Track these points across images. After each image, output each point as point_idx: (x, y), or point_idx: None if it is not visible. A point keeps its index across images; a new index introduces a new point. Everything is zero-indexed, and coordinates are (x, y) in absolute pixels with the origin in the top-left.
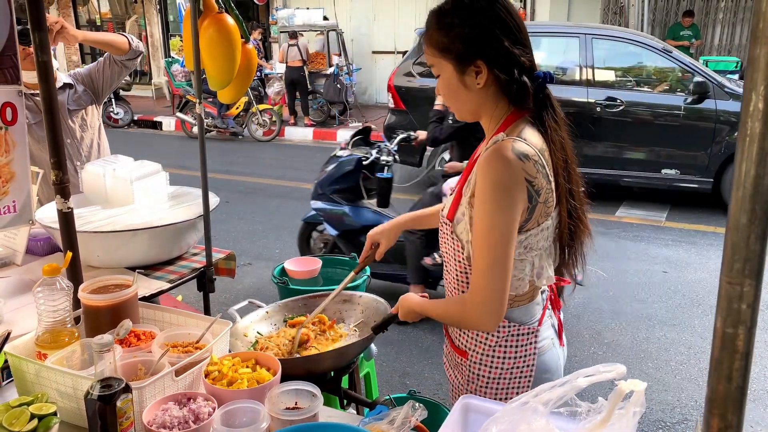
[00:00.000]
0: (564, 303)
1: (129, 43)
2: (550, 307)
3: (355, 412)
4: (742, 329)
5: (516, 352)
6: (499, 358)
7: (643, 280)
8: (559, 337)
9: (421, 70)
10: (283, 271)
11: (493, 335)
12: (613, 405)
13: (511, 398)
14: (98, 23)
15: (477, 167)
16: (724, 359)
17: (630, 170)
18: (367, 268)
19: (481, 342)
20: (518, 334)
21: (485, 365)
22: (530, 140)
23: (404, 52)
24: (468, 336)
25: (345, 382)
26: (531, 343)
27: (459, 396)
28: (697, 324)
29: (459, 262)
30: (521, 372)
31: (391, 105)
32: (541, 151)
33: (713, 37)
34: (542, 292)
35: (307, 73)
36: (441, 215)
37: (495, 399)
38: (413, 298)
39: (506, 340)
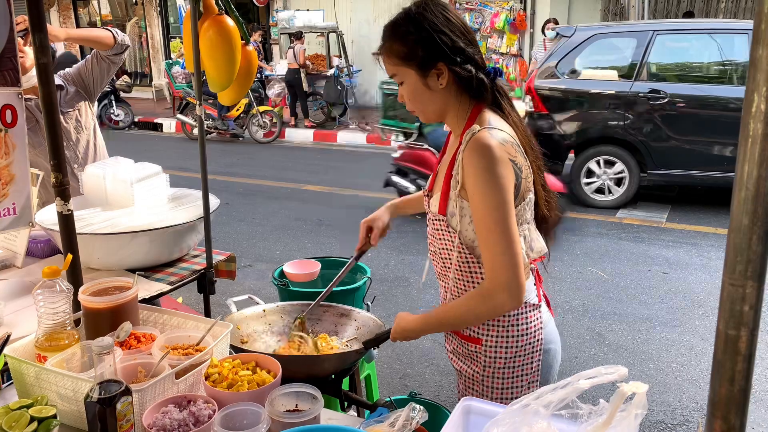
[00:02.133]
0: (545, 274)
1: (114, 37)
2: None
3: (355, 414)
4: (744, 331)
5: (527, 329)
6: (513, 337)
7: (644, 281)
8: (549, 308)
9: (566, 71)
10: (283, 274)
11: (505, 316)
12: (614, 407)
13: (525, 374)
14: (99, 25)
15: (462, 160)
16: (727, 361)
17: None
18: (368, 269)
19: (494, 325)
20: (526, 311)
21: (501, 347)
22: (500, 126)
23: None
24: None
25: (346, 384)
26: (537, 318)
27: (472, 386)
28: (698, 325)
29: (460, 252)
30: (533, 348)
31: (530, 108)
32: (511, 134)
33: None
34: (530, 269)
35: (303, 75)
36: (432, 213)
37: (510, 380)
38: (408, 318)
39: (517, 319)
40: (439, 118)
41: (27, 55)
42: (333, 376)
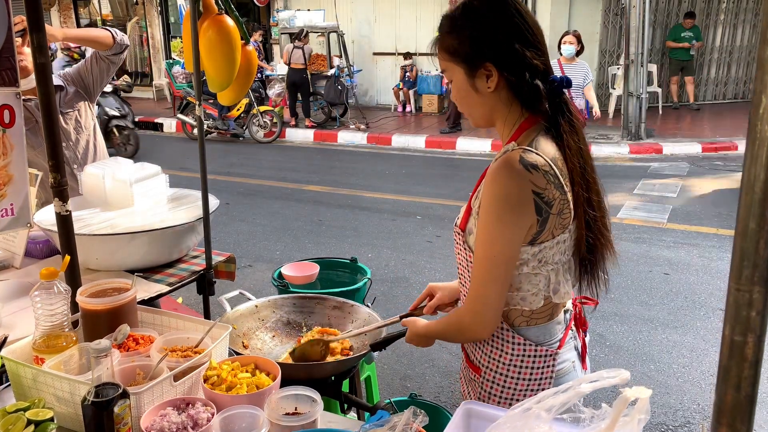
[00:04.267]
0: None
1: (113, 36)
2: (573, 327)
3: (356, 416)
4: (751, 337)
5: (531, 374)
6: (512, 378)
7: (645, 282)
8: (582, 360)
9: None
10: (282, 275)
11: (507, 353)
12: (617, 412)
13: None
14: (99, 25)
15: (485, 178)
16: (733, 368)
17: None
18: (368, 270)
19: (494, 359)
20: (535, 356)
21: (498, 384)
22: (543, 149)
23: (405, 54)
24: (482, 352)
25: (346, 386)
26: (548, 366)
27: None
28: (699, 326)
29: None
30: (535, 395)
31: None
32: (553, 160)
33: (714, 39)
34: (566, 311)
35: (309, 75)
36: (455, 225)
37: None
38: (419, 323)
39: (521, 360)
40: (487, 124)
41: (27, 57)
42: (333, 378)
